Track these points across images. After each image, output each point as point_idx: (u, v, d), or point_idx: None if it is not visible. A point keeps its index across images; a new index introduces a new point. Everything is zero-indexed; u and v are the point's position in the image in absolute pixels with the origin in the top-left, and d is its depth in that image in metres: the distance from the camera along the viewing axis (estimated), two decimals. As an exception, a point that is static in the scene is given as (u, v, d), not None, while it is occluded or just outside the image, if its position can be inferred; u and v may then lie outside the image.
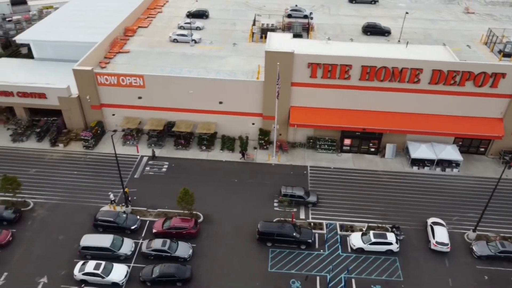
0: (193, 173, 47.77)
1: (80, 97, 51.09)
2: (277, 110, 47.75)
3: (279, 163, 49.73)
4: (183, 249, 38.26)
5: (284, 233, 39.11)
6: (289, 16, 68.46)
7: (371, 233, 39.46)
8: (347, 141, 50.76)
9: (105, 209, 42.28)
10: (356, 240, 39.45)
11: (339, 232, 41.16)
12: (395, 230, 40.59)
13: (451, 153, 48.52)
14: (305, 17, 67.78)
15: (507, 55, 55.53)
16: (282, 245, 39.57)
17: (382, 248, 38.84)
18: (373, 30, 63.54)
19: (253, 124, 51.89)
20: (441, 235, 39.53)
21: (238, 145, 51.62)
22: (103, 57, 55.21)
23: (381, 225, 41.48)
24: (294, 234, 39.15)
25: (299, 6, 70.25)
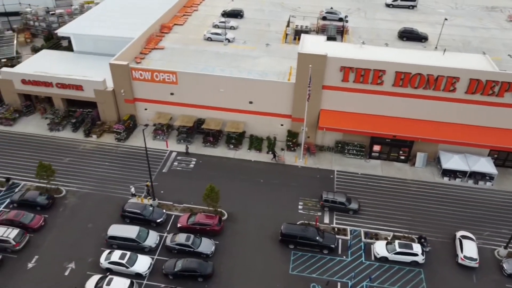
0: (220, 171, 48.25)
1: (114, 91, 52.58)
2: (306, 112, 47.55)
3: (306, 165, 49.50)
4: (206, 245, 38.73)
5: (307, 236, 38.91)
6: (324, 18, 67.97)
7: (397, 242, 38.69)
8: (377, 148, 49.94)
9: (133, 201, 43.35)
10: (380, 248, 38.78)
11: (363, 239, 40.57)
12: (423, 241, 39.56)
13: (485, 165, 46.89)
14: (340, 20, 67.12)
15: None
16: (304, 248, 39.39)
17: (407, 258, 38.01)
18: (409, 35, 62.23)
19: (282, 125, 51.87)
20: (470, 250, 38.29)
21: (265, 146, 51.76)
22: (138, 53, 56.57)
23: (407, 235, 40.60)
24: (317, 238, 38.91)
25: (334, 8, 69.63)
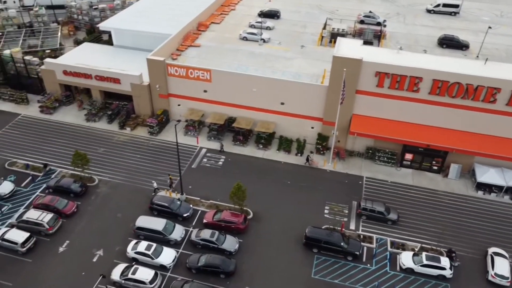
0: (248, 170, 48.50)
1: (150, 85, 53.83)
2: (338, 116, 47.07)
3: (335, 170, 49.01)
4: (230, 243, 39.07)
5: (331, 241, 38.55)
6: (362, 22, 67.00)
7: (424, 254, 37.71)
8: (409, 156, 48.80)
9: (162, 194, 44.26)
10: (406, 259, 37.90)
11: (390, 248, 39.78)
12: (452, 255, 38.35)
13: (524, 181, 44.99)
14: (378, 24, 65.97)
15: None
16: (328, 253, 39.04)
17: (433, 271, 36.97)
18: (449, 43, 60.36)
19: (312, 128, 51.57)
20: (501, 267, 36.83)
21: (295, 147, 51.62)
22: (175, 49, 57.65)
23: (435, 248, 39.49)
24: (342, 244, 38.47)
25: (373, 12, 68.51)
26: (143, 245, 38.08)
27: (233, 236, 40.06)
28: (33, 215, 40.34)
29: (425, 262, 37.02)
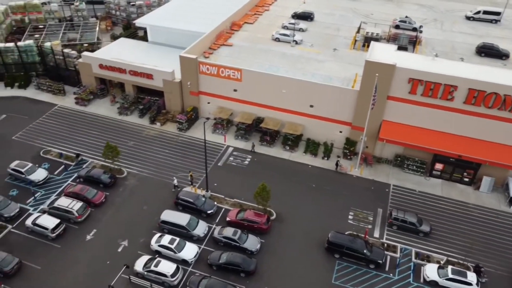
0: (273, 171, 48.53)
1: (181, 82, 54.70)
2: (368, 121, 46.41)
3: (361, 175, 48.35)
4: (252, 242, 39.22)
5: (354, 247, 38.07)
6: (397, 27, 65.76)
7: (450, 268, 36.67)
8: (439, 166, 47.54)
9: (187, 190, 44.91)
10: (431, 272, 36.94)
11: (414, 259, 38.90)
12: (481, 270, 37.11)
13: (561, 199, 43.04)
14: (414, 29, 64.58)
15: None
16: (350, 260, 38.58)
17: (459, 286, 35.89)
18: (488, 51, 58.35)
19: (341, 132, 51.07)
20: (532, 288, 35.42)
21: (321, 151, 51.26)
22: (207, 48, 58.34)
23: (462, 262, 38.33)
24: (364, 251, 37.93)
25: (409, 17, 67.12)
26: (166, 239, 38.76)
27: (255, 235, 40.20)
28: (64, 202, 41.78)
29: (451, 276, 35.98)
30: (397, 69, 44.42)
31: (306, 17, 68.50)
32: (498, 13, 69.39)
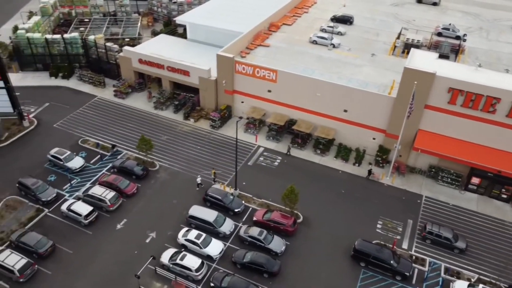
0: (302, 174, 48.28)
1: (217, 81, 55.35)
2: (403, 130, 45.36)
3: (392, 184, 47.31)
4: (277, 244, 39.19)
5: (381, 257, 37.32)
6: (439, 34, 63.85)
7: (481, 286, 35.27)
8: (475, 180, 45.82)
9: (216, 187, 45.41)
10: (460, 289, 35.74)
11: (443, 274, 37.69)
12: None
13: None
14: (457, 38, 62.53)
15: None
16: (376, 269, 37.86)
17: (490, 306, 34.58)
18: (537, 64, 55.77)
19: (374, 139, 50.16)
20: None
21: (353, 156, 50.55)
22: (245, 47, 58.74)
23: (494, 282, 36.81)
24: (391, 262, 37.10)
25: (453, 25, 65.03)
26: (193, 234, 39.36)
27: (281, 237, 40.15)
28: (98, 191, 43.21)
29: (481, 295, 34.70)
30: (437, 77, 43.19)
31: (345, 20, 67.68)
32: (549, 24, 66.18)
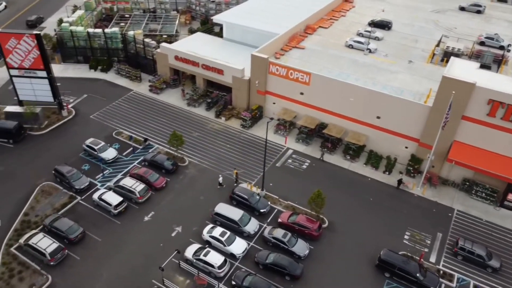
0: (330, 178, 47.80)
1: (250, 81, 55.63)
2: (437, 140, 44.11)
3: (423, 195, 46.09)
4: (301, 247, 38.99)
5: (406, 269, 36.43)
6: (482, 43, 61.68)
7: (511, 308, 33.91)
8: (512, 197, 44.11)
9: (243, 186, 45.65)
10: (489, 308, 34.45)
11: (471, 292, 36.47)
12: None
13: None
14: (501, 48, 60.19)
15: None
16: (401, 281, 37.00)
17: (520, 329, 33.10)
18: None
19: (406, 147, 49.03)
20: None
21: (383, 164, 49.60)
22: (279, 49, 58.75)
23: (526, 304, 35.27)
24: (417, 274, 36.16)
25: (498, 35, 62.61)
26: (218, 231, 39.73)
27: (305, 241, 39.91)
28: (128, 182, 44.35)
29: (512, 316, 33.30)
30: (476, 88, 41.77)
31: (383, 25, 66.49)
32: None
